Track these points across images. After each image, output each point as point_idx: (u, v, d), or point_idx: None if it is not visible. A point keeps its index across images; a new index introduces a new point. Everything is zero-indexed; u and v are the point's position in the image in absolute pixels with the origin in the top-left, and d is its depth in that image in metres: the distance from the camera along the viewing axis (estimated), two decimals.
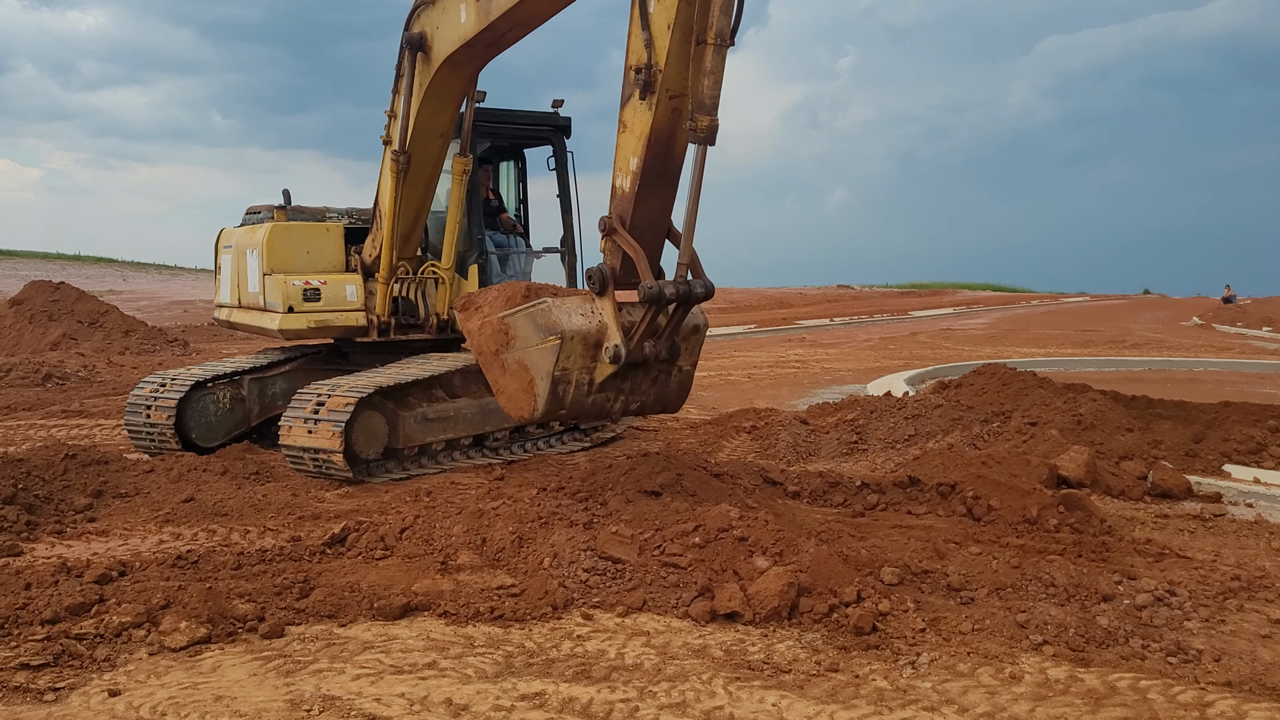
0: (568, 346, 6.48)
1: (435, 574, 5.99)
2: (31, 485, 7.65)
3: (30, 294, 22.96)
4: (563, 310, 6.53)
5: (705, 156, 6.30)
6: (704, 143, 6.25)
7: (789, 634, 5.23)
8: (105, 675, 4.69)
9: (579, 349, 6.54)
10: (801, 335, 28.53)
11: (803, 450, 10.06)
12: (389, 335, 10.30)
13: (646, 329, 6.55)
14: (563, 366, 6.51)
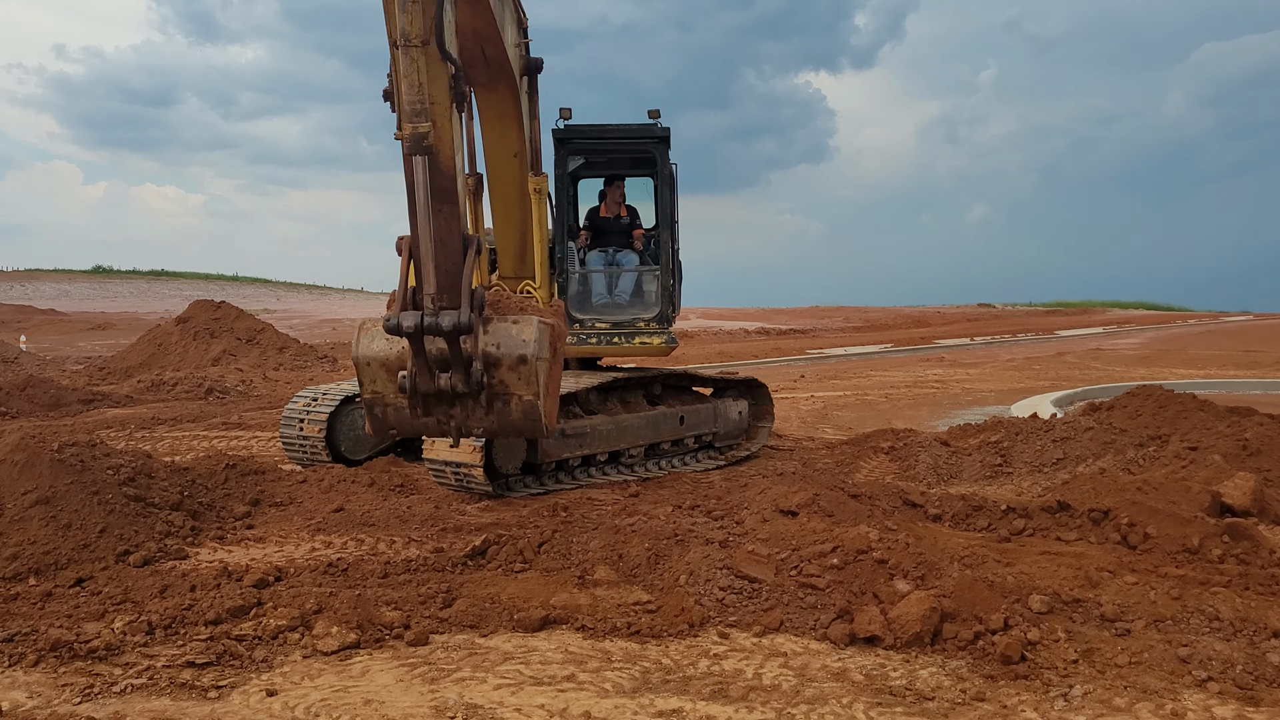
0: (367, 372, 6.31)
1: (573, 588, 6.06)
2: (196, 493, 8.08)
3: (194, 313, 24.34)
4: (367, 335, 6.30)
5: (425, 168, 5.95)
6: (411, 153, 5.94)
7: (932, 660, 5.09)
8: (263, 675, 4.90)
9: (382, 375, 6.31)
10: (940, 355, 27.84)
11: (944, 472, 9.80)
12: None
13: (430, 361, 6.13)
14: (371, 390, 6.31)
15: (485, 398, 6.24)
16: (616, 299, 10.45)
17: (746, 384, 11.88)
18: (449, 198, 6.16)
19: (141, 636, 5.33)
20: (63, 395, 15.88)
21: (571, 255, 10.47)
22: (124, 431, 13.15)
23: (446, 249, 6.17)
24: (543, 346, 6.15)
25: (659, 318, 10.01)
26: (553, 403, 6.49)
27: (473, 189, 10.02)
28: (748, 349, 30.36)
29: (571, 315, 10.21)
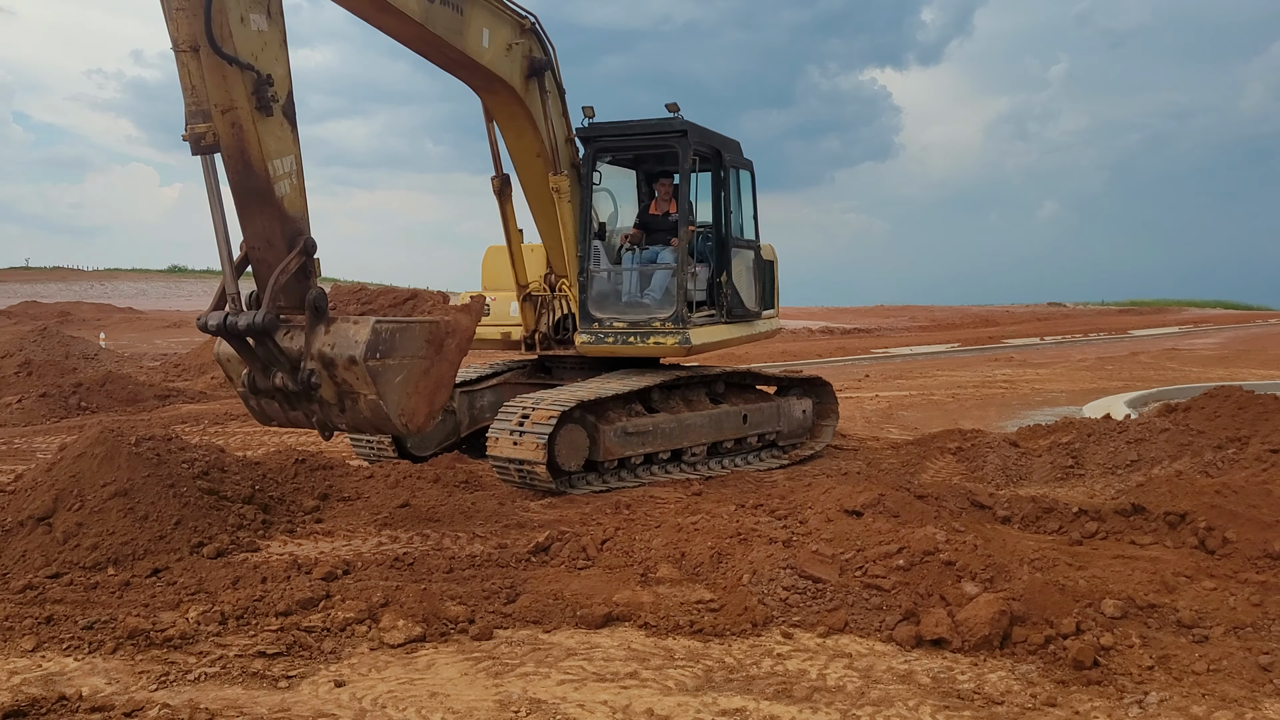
0: (228, 369, 6.78)
1: (635, 585, 6.06)
2: (267, 487, 8.23)
3: None
4: None
5: (212, 167, 6.19)
6: (195, 153, 6.14)
7: (1001, 664, 4.99)
8: (331, 666, 4.98)
9: (239, 371, 6.69)
10: (1009, 354, 27.36)
11: (1013, 474, 9.63)
12: (536, 350, 10.66)
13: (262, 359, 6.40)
14: (241, 384, 6.73)
15: (338, 395, 6.47)
16: (647, 298, 10.27)
17: (810, 382, 11.79)
18: (264, 199, 6.38)
19: (215, 626, 5.45)
20: (140, 391, 16.31)
21: (596, 254, 10.38)
22: (198, 426, 13.46)
23: (274, 250, 6.43)
24: (378, 348, 6.29)
25: (674, 317, 9.82)
26: (419, 399, 6.60)
27: (498, 189, 10.21)
28: (811, 348, 30.13)
29: (590, 314, 10.16)
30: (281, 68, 6.52)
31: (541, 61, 9.52)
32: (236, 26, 6.24)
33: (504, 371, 11.19)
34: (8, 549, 6.61)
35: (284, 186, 6.48)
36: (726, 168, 10.60)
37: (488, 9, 8.97)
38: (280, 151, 6.46)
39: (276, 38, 6.55)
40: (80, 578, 6.30)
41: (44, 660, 5.06)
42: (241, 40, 6.27)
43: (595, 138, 10.24)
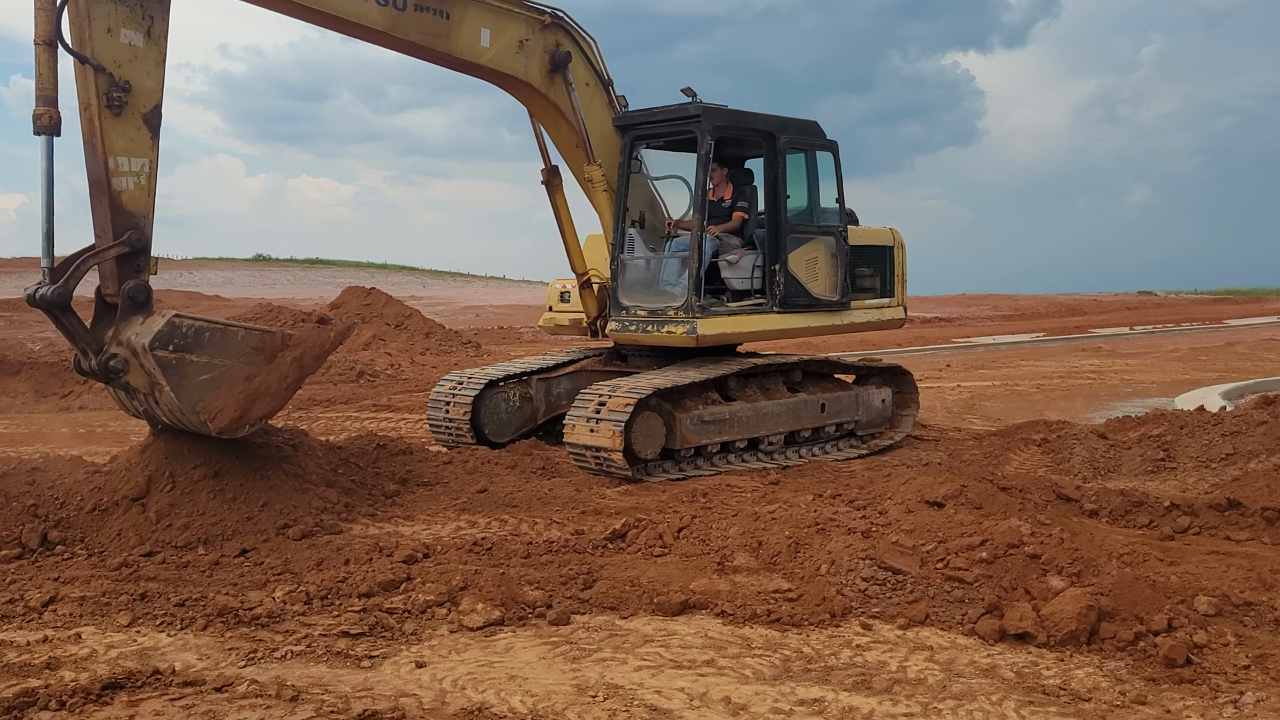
0: None
1: (712, 574, 6.04)
2: (349, 471, 8.40)
3: (346, 299, 25.33)
4: None
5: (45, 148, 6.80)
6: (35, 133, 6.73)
7: (1088, 660, 4.87)
8: (412, 648, 5.06)
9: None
10: (1097, 344, 26.65)
11: (1100, 466, 9.37)
12: (599, 336, 10.72)
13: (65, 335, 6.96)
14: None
15: (149, 385, 6.88)
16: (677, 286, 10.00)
17: (890, 371, 11.62)
18: (101, 189, 7.00)
19: (300, 606, 5.58)
20: None
21: (630, 241, 10.29)
22: (282, 412, 13.76)
23: (104, 237, 7.04)
24: (171, 341, 6.64)
25: (684, 306, 9.70)
26: (229, 402, 6.87)
27: (546, 180, 10.35)
28: (891, 337, 29.70)
29: (620, 301, 10.14)
30: (151, 82, 7.16)
31: (564, 55, 9.57)
32: (100, 35, 6.95)
33: (581, 359, 11.24)
34: (104, 528, 6.85)
35: (125, 182, 7.03)
36: (781, 150, 10.26)
37: (487, 9, 9.06)
38: (127, 151, 7.04)
39: (152, 56, 7.19)
40: (172, 556, 6.50)
41: (139, 635, 5.23)
42: (102, 47, 6.96)
43: (629, 125, 10.22)
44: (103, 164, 6.95)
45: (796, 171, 10.63)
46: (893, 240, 11.85)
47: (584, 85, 9.89)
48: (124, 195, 7.01)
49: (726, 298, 10.21)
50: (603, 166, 10.03)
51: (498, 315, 39.18)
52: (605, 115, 10.13)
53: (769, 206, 10.30)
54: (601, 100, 10.09)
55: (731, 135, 10.22)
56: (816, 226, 10.62)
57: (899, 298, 11.82)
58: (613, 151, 10.23)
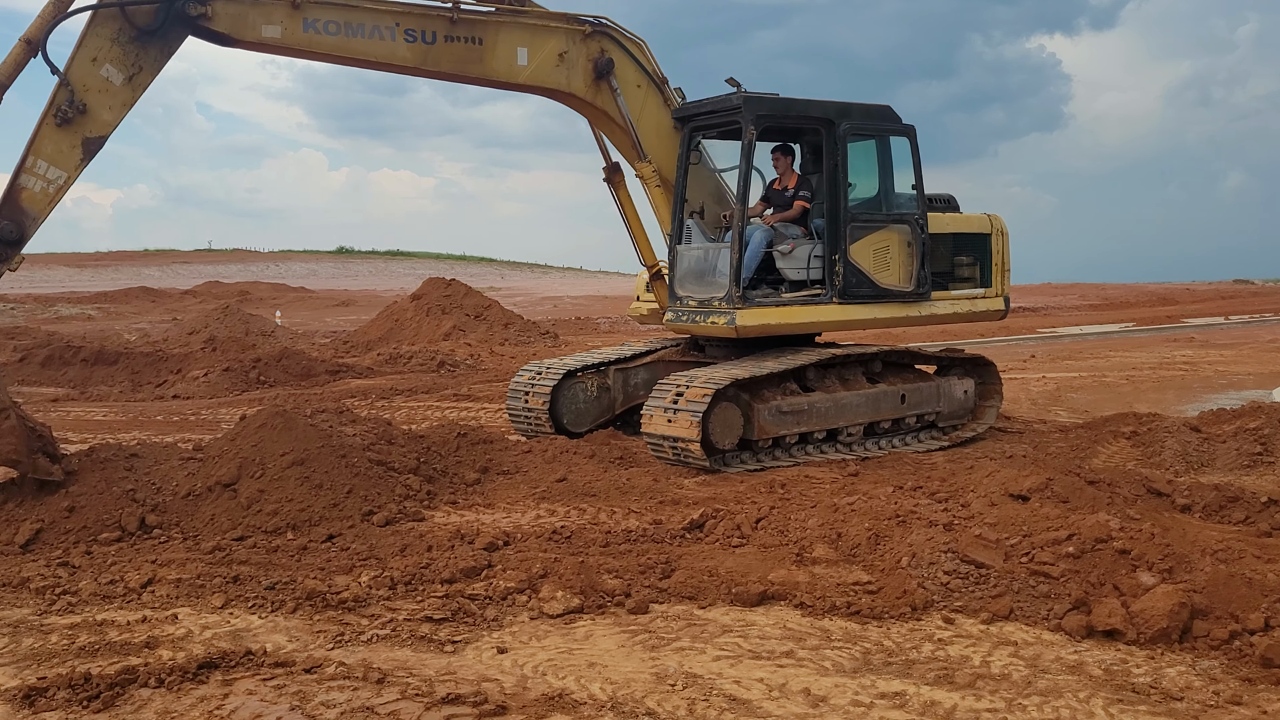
0: None
1: (790, 565, 6.02)
2: (431, 459, 8.55)
3: (427, 290, 25.74)
4: None
5: None
6: None
7: (1180, 659, 4.74)
8: (494, 634, 5.14)
9: None
10: (1190, 334, 25.84)
11: (1193, 460, 9.09)
12: None
13: None
14: None
15: None
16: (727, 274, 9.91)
17: (972, 362, 11.40)
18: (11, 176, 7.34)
19: (385, 591, 5.70)
20: (313, 366, 17.15)
21: (688, 232, 10.23)
22: (366, 400, 14.07)
23: None
24: None
25: (726, 297, 9.58)
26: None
27: (608, 177, 10.45)
28: (973, 327, 29.15)
29: (675, 291, 10.11)
30: (109, 116, 7.46)
31: (607, 62, 9.60)
32: (84, 59, 7.31)
33: (658, 349, 11.25)
34: (198, 512, 7.08)
35: (33, 183, 7.24)
36: (841, 137, 9.97)
37: (522, 28, 9.11)
38: (51, 159, 7.28)
39: (123, 96, 7.50)
40: (262, 541, 6.69)
41: (232, 616, 5.40)
42: (80, 69, 7.31)
43: (687, 117, 10.19)
44: (21, 158, 7.22)
45: (866, 159, 10.38)
46: (991, 228, 11.45)
47: (634, 87, 9.93)
48: (24, 193, 7.25)
49: (784, 288, 10.09)
50: (653, 162, 10.07)
51: (575, 306, 39.44)
52: (661, 113, 10.14)
53: (828, 195, 10.07)
54: (656, 99, 10.11)
55: (781, 124, 10.13)
56: (887, 215, 10.33)
57: (999, 288, 11.43)
58: (669, 146, 10.23)
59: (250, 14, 8.01)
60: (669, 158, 10.23)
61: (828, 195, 10.08)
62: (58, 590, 5.77)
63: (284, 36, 8.15)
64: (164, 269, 60.30)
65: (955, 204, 11.43)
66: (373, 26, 8.46)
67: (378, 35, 8.50)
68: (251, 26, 8.01)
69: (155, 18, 7.58)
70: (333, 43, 8.35)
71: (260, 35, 8.06)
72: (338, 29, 8.32)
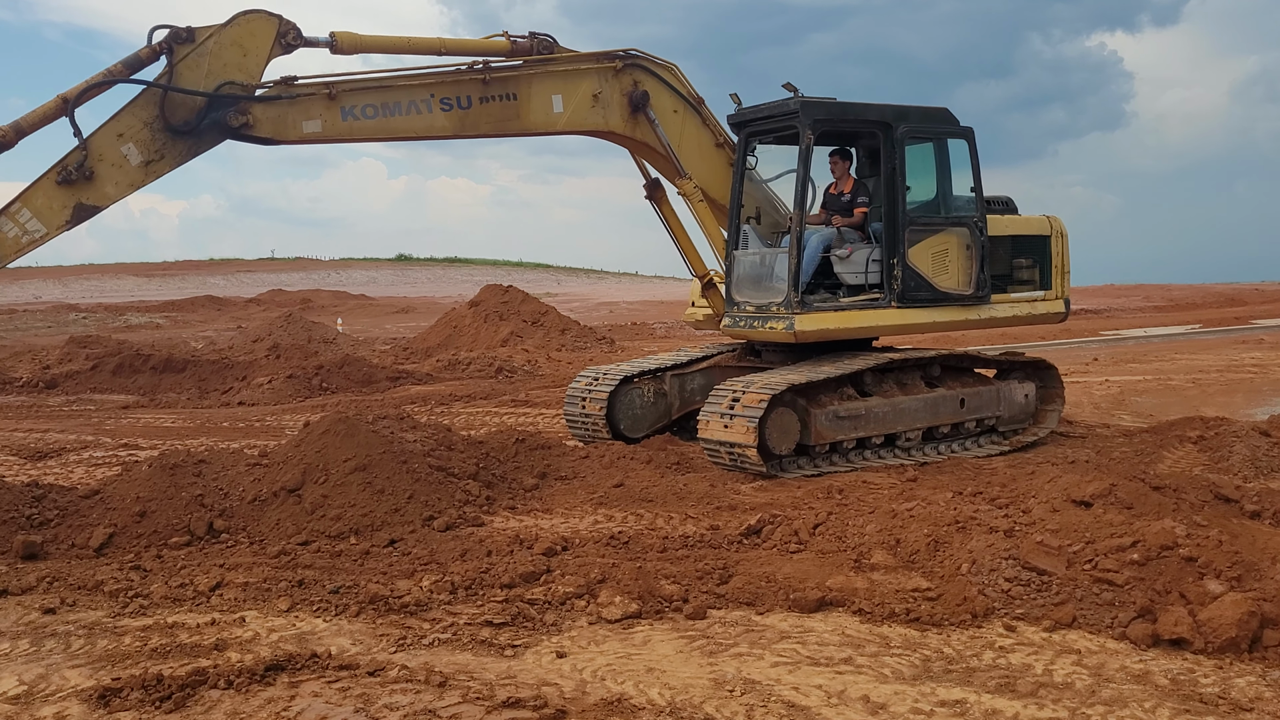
0: None
1: (849, 571, 6.00)
2: (489, 465, 8.65)
3: (485, 297, 25.97)
4: None
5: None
6: None
7: (1249, 669, 4.65)
8: (553, 638, 5.19)
9: None
10: (1259, 336, 25.19)
11: (1263, 466, 8.87)
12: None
13: None
14: None
15: None
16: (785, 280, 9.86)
17: (1033, 365, 11.24)
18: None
19: (446, 595, 5.78)
20: (373, 373, 17.42)
21: (745, 238, 10.22)
22: (425, 407, 14.26)
23: None
24: None
25: (785, 302, 9.51)
26: None
27: (648, 194, 10.58)
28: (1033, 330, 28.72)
29: (733, 297, 10.10)
30: (114, 191, 7.48)
31: (642, 95, 9.65)
32: (109, 132, 7.38)
33: (715, 355, 11.26)
34: (264, 517, 7.25)
35: (9, 226, 7.19)
36: (898, 141, 9.89)
37: (553, 76, 9.16)
38: (37, 212, 7.23)
39: (133, 178, 7.52)
40: (326, 545, 6.83)
41: (297, 620, 5.52)
42: (101, 139, 7.35)
43: (743, 123, 10.19)
44: (9, 202, 7.21)
45: (924, 162, 10.28)
46: (1050, 229, 11.31)
47: (671, 113, 9.98)
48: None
49: (842, 293, 10.05)
50: (696, 179, 10.10)
51: (631, 311, 39.53)
52: (700, 133, 10.22)
53: (886, 199, 9.99)
54: (694, 120, 10.18)
55: (838, 128, 10.09)
56: (946, 218, 10.24)
57: (1059, 290, 11.28)
58: (711, 164, 10.32)
59: (289, 114, 8.13)
60: (712, 174, 10.30)
61: (885, 199, 10.01)
62: (130, 593, 5.94)
63: (325, 130, 8.27)
64: (229, 278, 61.60)
65: (1013, 206, 11.29)
66: (409, 103, 8.58)
67: (414, 110, 8.62)
68: (293, 126, 8.13)
69: (193, 120, 7.71)
70: (373, 126, 8.46)
71: (302, 133, 8.19)
72: (375, 112, 8.44)
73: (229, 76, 7.84)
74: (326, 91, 8.24)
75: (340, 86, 8.27)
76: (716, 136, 10.33)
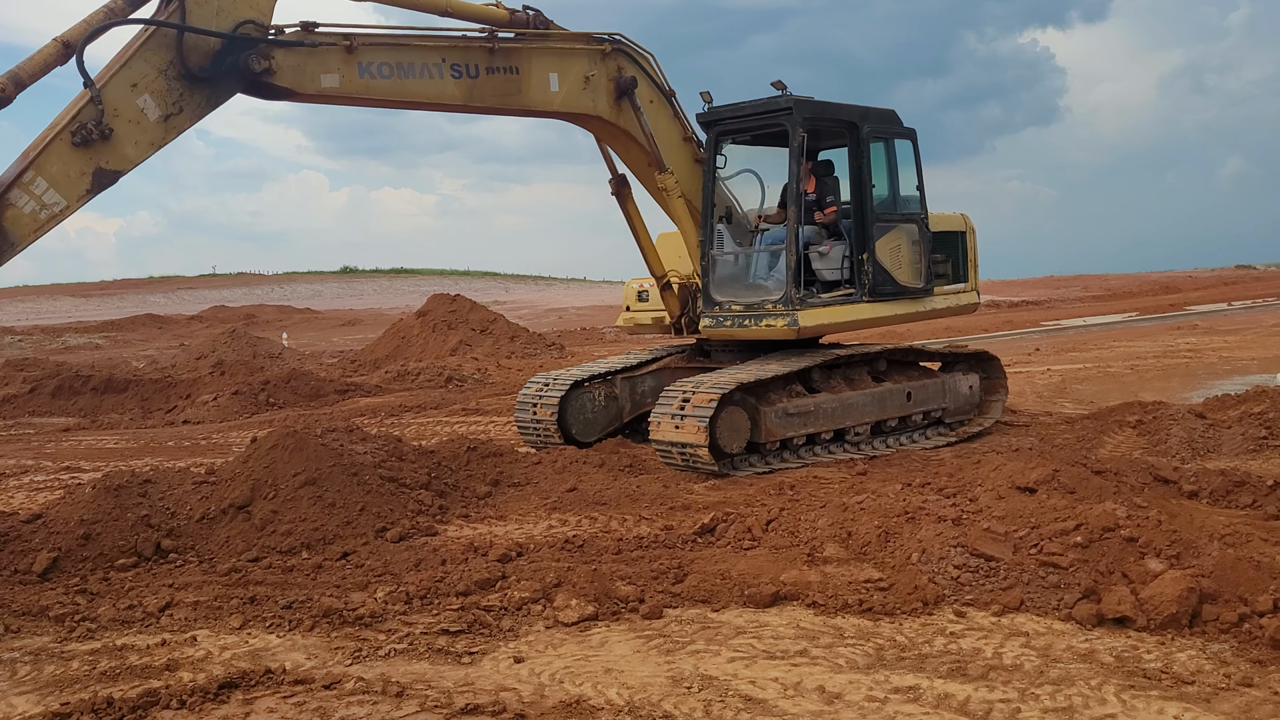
0: None
1: (802, 565, 6.07)
2: (442, 474, 8.60)
3: (432, 306, 25.82)
4: None
5: None
6: None
7: (1190, 643, 4.78)
8: (510, 644, 5.19)
9: None
10: (1193, 322, 25.84)
11: (1199, 447, 9.12)
12: (684, 334, 10.85)
13: None
14: None
15: None
16: (770, 279, 10.06)
17: (977, 357, 11.46)
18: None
19: (401, 605, 5.75)
20: (321, 386, 17.23)
21: (720, 237, 10.29)
22: (375, 418, 14.14)
23: None
24: None
25: (784, 299, 9.66)
26: None
27: (615, 190, 10.53)
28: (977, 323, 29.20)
29: (712, 297, 10.14)
30: (133, 153, 6.67)
31: (629, 80, 9.62)
32: (123, 82, 6.57)
33: (664, 356, 11.31)
34: (213, 535, 7.15)
35: (25, 201, 6.17)
36: (865, 140, 10.19)
37: (551, 53, 9.09)
38: (54, 181, 6.21)
39: (153, 135, 6.75)
40: (278, 561, 6.75)
41: (250, 637, 5.46)
42: (116, 91, 6.55)
43: (714, 122, 10.23)
44: (16, 171, 6.19)
45: (878, 161, 10.55)
46: (964, 225, 11.72)
47: (648, 103, 9.98)
48: (9, 211, 6.19)
49: (817, 289, 10.18)
50: (675, 174, 10.08)
51: (580, 316, 39.51)
52: (671, 127, 10.21)
53: (854, 196, 10.27)
54: (667, 112, 10.19)
55: (819, 127, 10.22)
56: (899, 215, 10.55)
57: (972, 282, 11.71)
58: (679, 158, 10.31)
59: (309, 65, 7.78)
60: (679, 169, 10.31)
61: (854, 197, 10.29)
62: (77, 617, 5.83)
63: (342, 85, 7.94)
64: (169, 295, 60.54)
65: None
66: (422, 65, 8.38)
67: (427, 74, 8.42)
68: (311, 78, 7.76)
69: (210, 64, 7.13)
70: (388, 87, 8.21)
71: (320, 86, 7.82)
72: (391, 71, 8.19)
73: (241, 14, 7.28)
74: (345, 43, 7.96)
75: (359, 40, 8.02)
76: (685, 130, 10.35)
